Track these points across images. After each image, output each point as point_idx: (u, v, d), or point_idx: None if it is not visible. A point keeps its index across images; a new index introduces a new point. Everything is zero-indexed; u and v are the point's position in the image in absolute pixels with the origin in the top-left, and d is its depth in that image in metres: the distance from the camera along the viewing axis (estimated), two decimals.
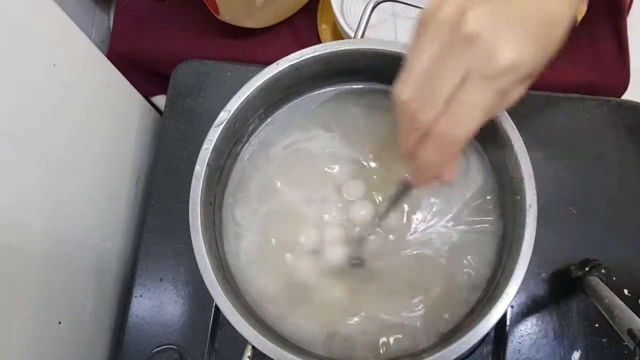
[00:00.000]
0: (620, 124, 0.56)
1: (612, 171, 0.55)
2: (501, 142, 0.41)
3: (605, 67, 0.61)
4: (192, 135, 0.57)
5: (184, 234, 0.40)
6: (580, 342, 0.50)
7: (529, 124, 0.54)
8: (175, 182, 0.55)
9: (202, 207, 0.41)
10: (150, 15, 0.66)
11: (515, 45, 0.28)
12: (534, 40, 0.29)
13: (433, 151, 0.31)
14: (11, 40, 0.40)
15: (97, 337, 0.55)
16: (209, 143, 0.42)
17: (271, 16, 0.63)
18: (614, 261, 0.51)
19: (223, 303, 0.38)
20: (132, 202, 0.61)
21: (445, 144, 0.31)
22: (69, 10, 0.49)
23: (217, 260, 0.41)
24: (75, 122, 0.50)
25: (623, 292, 0.51)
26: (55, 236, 0.47)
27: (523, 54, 0.28)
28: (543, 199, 0.39)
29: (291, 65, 0.43)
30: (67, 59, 0.48)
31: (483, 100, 0.29)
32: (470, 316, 0.41)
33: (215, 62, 0.59)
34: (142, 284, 0.53)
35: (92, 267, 0.53)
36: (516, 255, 0.38)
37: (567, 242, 0.53)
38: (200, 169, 0.41)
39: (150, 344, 0.52)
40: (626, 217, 0.53)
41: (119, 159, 0.59)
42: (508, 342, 0.50)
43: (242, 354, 0.39)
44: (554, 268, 0.52)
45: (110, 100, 0.57)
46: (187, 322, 0.52)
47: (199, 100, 0.58)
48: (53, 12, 0.46)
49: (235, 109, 0.42)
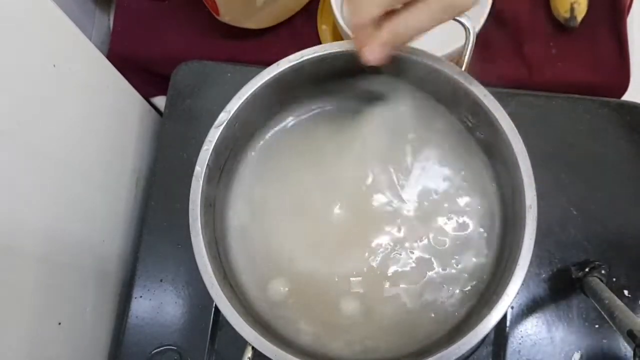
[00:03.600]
0: (620, 125, 0.56)
1: (612, 171, 0.55)
2: (501, 142, 0.41)
3: (605, 68, 0.61)
4: (192, 136, 0.57)
5: (184, 235, 0.40)
6: (580, 343, 0.50)
7: (529, 124, 0.54)
8: (175, 183, 0.55)
9: (202, 208, 0.41)
10: (151, 16, 0.66)
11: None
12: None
13: (353, 35, 0.36)
14: (11, 41, 0.40)
15: (97, 338, 0.55)
16: (209, 144, 0.42)
17: (271, 17, 0.63)
18: (614, 262, 0.51)
19: (223, 304, 0.38)
20: (132, 202, 0.61)
21: (353, 28, 0.35)
22: (69, 11, 0.49)
23: (217, 261, 0.41)
24: (75, 123, 0.50)
25: (623, 293, 0.51)
26: (55, 237, 0.47)
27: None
28: (543, 200, 0.39)
29: (291, 66, 0.43)
30: (67, 59, 0.48)
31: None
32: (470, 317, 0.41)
33: (215, 63, 0.59)
34: (142, 285, 0.53)
35: (91, 268, 0.53)
36: (516, 255, 0.38)
37: (567, 242, 0.53)
38: (200, 170, 0.41)
39: (150, 344, 0.52)
40: (626, 217, 0.53)
41: (119, 160, 0.59)
42: (508, 343, 0.50)
43: (242, 354, 0.39)
44: (554, 269, 0.52)
45: (110, 101, 0.57)
46: (187, 323, 0.52)
47: (199, 101, 0.58)
48: (53, 13, 0.46)
49: (236, 109, 0.42)
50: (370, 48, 0.36)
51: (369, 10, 0.34)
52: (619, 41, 0.61)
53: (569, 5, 0.59)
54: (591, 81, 0.61)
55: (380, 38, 0.35)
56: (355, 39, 0.37)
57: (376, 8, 0.34)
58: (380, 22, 0.35)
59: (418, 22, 0.34)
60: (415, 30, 0.34)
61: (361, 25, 0.35)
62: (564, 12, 0.60)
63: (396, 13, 0.35)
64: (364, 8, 0.34)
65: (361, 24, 0.35)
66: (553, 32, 0.62)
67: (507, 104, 0.41)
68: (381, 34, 0.35)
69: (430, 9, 0.33)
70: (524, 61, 0.62)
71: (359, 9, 0.35)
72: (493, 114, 0.40)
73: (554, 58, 0.62)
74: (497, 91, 0.41)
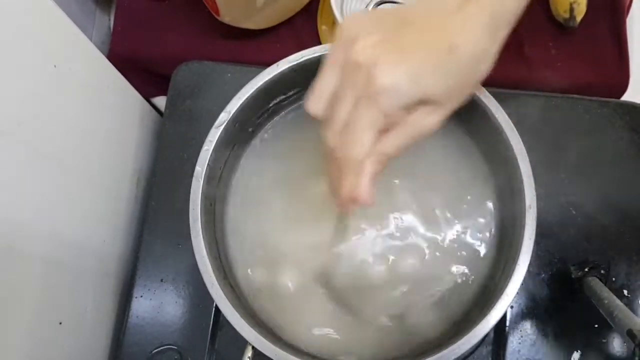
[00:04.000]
0: (619, 125, 0.56)
1: (612, 172, 0.55)
2: (501, 143, 0.41)
3: (605, 68, 0.61)
4: (193, 136, 0.57)
5: (185, 235, 0.40)
6: (579, 343, 0.50)
7: (528, 124, 0.54)
8: (176, 183, 0.55)
9: (203, 208, 0.41)
10: (151, 16, 0.66)
11: (393, 71, 0.30)
12: (417, 67, 0.31)
13: (337, 171, 0.33)
14: (11, 41, 0.40)
15: (98, 338, 0.56)
16: (209, 144, 0.42)
17: (271, 17, 0.63)
18: (613, 262, 0.51)
19: (223, 304, 0.38)
20: (133, 203, 0.61)
21: (345, 164, 0.33)
22: (69, 12, 0.49)
23: (217, 261, 0.41)
24: (76, 123, 0.50)
25: (622, 293, 0.51)
26: (55, 237, 0.47)
27: (400, 79, 0.30)
28: (543, 200, 0.39)
29: (291, 66, 0.43)
30: (68, 60, 0.48)
31: (370, 119, 0.31)
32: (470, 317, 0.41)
33: (216, 63, 0.59)
34: (142, 285, 0.53)
35: (92, 268, 0.54)
36: (516, 255, 0.38)
37: (567, 242, 0.53)
38: (200, 170, 0.41)
39: (150, 344, 0.52)
40: (626, 217, 0.53)
41: (119, 160, 0.59)
42: (508, 342, 0.50)
43: (242, 354, 0.39)
44: (553, 268, 0.52)
45: (111, 101, 0.57)
46: (188, 322, 0.52)
47: (199, 101, 0.58)
48: (53, 13, 0.46)
49: (236, 110, 0.42)
50: (365, 190, 0.33)
51: (364, 142, 0.32)
52: (618, 41, 0.62)
53: (569, 5, 0.60)
54: (590, 81, 0.61)
55: (368, 171, 0.33)
56: (342, 186, 0.34)
57: (371, 138, 0.32)
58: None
59: (396, 147, 0.33)
60: (396, 153, 0.33)
61: (355, 163, 0.33)
62: (564, 12, 0.60)
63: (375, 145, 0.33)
64: (359, 140, 0.32)
65: (355, 162, 0.33)
66: (553, 32, 0.62)
67: (507, 104, 0.41)
68: (368, 168, 0.33)
69: (405, 131, 0.33)
70: (524, 61, 0.62)
71: (350, 143, 0.32)
72: (493, 114, 0.40)
73: (554, 58, 0.62)
74: (497, 91, 0.41)
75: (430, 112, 0.32)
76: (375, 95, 0.30)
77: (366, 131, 0.32)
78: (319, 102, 0.34)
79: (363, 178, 0.33)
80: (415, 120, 0.32)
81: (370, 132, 0.32)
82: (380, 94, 0.30)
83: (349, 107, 0.32)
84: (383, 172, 0.34)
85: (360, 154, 0.32)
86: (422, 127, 0.33)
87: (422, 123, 0.33)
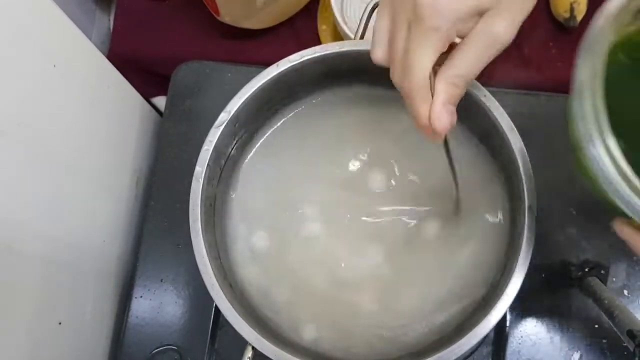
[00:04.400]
0: None
1: None
2: (501, 142, 0.41)
3: None
4: (193, 136, 0.57)
5: (185, 235, 0.40)
6: (580, 343, 0.50)
7: (529, 124, 0.54)
8: (176, 183, 0.55)
9: (203, 208, 0.41)
10: (151, 16, 0.67)
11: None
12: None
13: (408, 101, 0.33)
14: (11, 41, 0.40)
15: (98, 338, 0.56)
16: (209, 144, 0.42)
17: (271, 17, 0.63)
18: (613, 262, 0.51)
19: (223, 304, 0.38)
20: (133, 203, 0.61)
21: (413, 94, 0.32)
22: (69, 12, 0.49)
23: (217, 261, 0.41)
24: (76, 123, 0.50)
25: (623, 293, 0.51)
26: (55, 237, 0.47)
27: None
28: (543, 200, 0.39)
29: (291, 66, 0.43)
30: (68, 60, 0.48)
31: (423, 38, 0.30)
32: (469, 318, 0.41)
33: (216, 63, 0.59)
34: (142, 285, 0.53)
35: (92, 268, 0.54)
36: (516, 255, 0.38)
37: (567, 242, 0.53)
38: (200, 170, 0.41)
39: (150, 344, 0.52)
40: None
41: (119, 160, 0.59)
42: (508, 343, 0.50)
43: (242, 354, 0.39)
44: (553, 269, 0.52)
45: (111, 101, 0.57)
46: (188, 322, 0.52)
47: (199, 101, 0.58)
48: (53, 13, 0.46)
49: (236, 109, 0.42)
50: (436, 116, 0.31)
51: (422, 63, 0.31)
52: None
53: (569, 5, 0.60)
54: None
55: (438, 96, 0.31)
56: (416, 116, 0.33)
57: (429, 57, 0.31)
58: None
59: (468, 65, 0.31)
60: (471, 72, 0.32)
61: (418, 88, 0.31)
62: (564, 12, 0.60)
63: (442, 66, 0.32)
64: (416, 62, 0.31)
65: (417, 86, 0.31)
66: (553, 32, 0.62)
67: (507, 104, 0.41)
68: (438, 93, 0.32)
69: (471, 45, 0.31)
70: (524, 61, 0.62)
71: (408, 68, 0.31)
72: (493, 114, 0.40)
73: (554, 58, 0.62)
74: (497, 91, 0.41)
75: (493, 18, 0.30)
76: (421, 13, 0.30)
77: (421, 51, 0.30)
78: (379, 48, 0.33)
79: (434, 104, 0.31)
80: (479, 30, 0.30)
81: (425, 51, 0.30)
82: (425, 8, 0.29)
83: (405, 34, 0.31)
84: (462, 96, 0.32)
85: (421, 77, 0.31)
86: (489, 35, 0.30)
87: (489, 30, 0.30)
